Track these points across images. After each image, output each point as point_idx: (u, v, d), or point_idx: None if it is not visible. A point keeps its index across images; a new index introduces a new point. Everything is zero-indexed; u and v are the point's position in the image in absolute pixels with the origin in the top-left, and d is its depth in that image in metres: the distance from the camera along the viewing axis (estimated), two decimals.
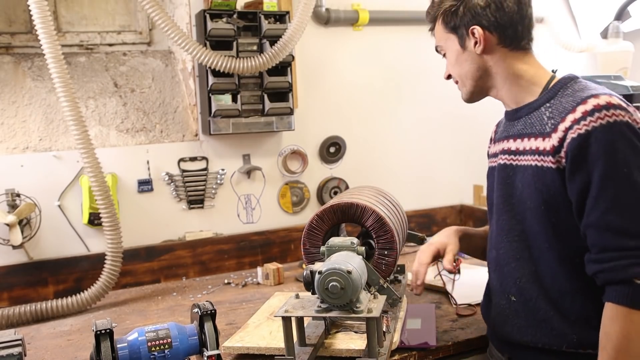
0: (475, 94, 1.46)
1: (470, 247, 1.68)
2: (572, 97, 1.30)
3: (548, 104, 1.35)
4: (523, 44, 1.43)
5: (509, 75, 1.41)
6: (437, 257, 1.58)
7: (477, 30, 1.38)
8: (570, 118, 1.25)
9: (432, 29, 1.51)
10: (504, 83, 1.42)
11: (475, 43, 1.39)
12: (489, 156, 1.58)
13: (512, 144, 1.42)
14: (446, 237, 1.60)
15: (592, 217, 1.21)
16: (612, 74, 2.17)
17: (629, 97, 1.98)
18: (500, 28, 1.39)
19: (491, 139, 1.62)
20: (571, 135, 1.23)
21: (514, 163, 1.39)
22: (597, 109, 1.21)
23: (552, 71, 1.47)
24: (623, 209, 1.18)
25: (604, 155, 1.19)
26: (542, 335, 1.34)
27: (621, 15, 2.84)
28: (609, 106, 1.21)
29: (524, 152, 1.37)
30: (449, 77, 1.51)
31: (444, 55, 1.49)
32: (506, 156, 1.43)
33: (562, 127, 1.26)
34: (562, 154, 1.25)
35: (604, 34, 2.89)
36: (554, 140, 1.27)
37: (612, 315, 1.18)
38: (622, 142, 1.19)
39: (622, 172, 1.18)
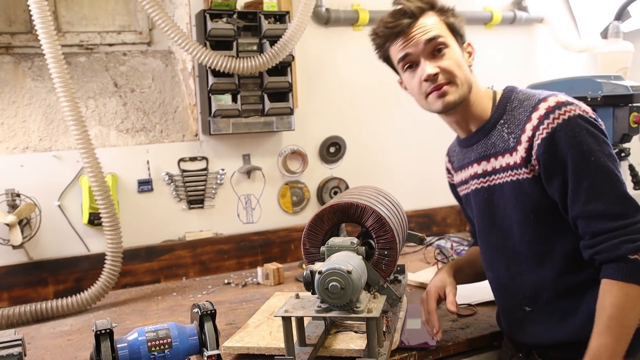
0: (463, 98, 1.40)
1: (465, 278, 1.67)
2: (522, 108, 1.36)
3: (502, 120, 1.40)
4: None
5: (478, 91, 1.45)
6: (440, 301, 1.55)
7: (471, 45, 1.45)
8: (529, 127, 1.31)
9: (418, 15, 1.38)
10: (476, 98, 1.44)
11: (469, 55, 1.44)
12: (456, 185, 1.62)
13: (478, 168, 1.45)
14: (441, 281, 1.57)
15: (576, 209, 1.27)
16: (612, 74, 2.17)
17: (629, 97, 1.99)
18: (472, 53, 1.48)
19: (448, 170, 1.67)
20: (536, 142, 1.30)
21: (488, 184, 1.43)
22: (550, 110, 1.29)
23: (490, 87, 1.51)
24: (601, 194, 1.25)
25: (570, 150, 1.26)
26: (562, 333, 1.38)
27: (621, 15, 2.85)
28: (559, 105, 1.29)
29: (495, 172, 1.41)
30: (435, 75, 1.37)
31: (439, 49, 1.37)
32: (476, 180, 1.46)
33: (524, 137, 1.32)
34: (533, 161, 1.32)
35: (604, 34, 2.89)
36: (520, 152, 1.33)
37: (607, 289, 1.25)
38: (581, 133, 1.26)
39: (590, 161, 1.25)
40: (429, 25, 1.38)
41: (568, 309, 1.36)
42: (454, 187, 1.67)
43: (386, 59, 1.50)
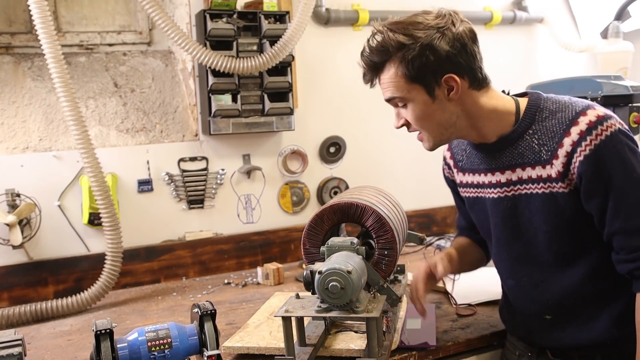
0: (443, 142, 1.40)
1: (456, 267, 1.64)
2: (555, 119, 1.31)
3: (531, 131, 1.33)
4: (488, 81, 1.36)
5: (483, 114, 1.35)
6: (430, 274, 1.53)
7: (452, 77, 1.28)
8: (567, 142, 1.27)
9: (371, 79, 1.36)
10: (477, 123, 1.36)
11: (449, 91, 1.30)
12: (457, 184, 1.57)
13: (501, 176, 1.40)
14: (433, 259, 1.56)
15: (616, 225, 1.26)
16: (612, 74, 2.17)
17: (629, 97, 1.99)
18: (471, 71, 1.31)
19: (448, 165, 1.60)
20: (578, 158, 1.26)
21: (513, 194, 1.39)
22: (592, 126, 1.25)
23: (503, 91, 1.43)
24: None
25: (614, 168, 1.24)
26: (581, 338, 1.38)
27: (621, 15, 2.85)
28: (600, 120, 1.25)
29: (522, 182, 1.36)
30: (402, 126, 1.38)
31: (403, 105, 1.35)
32: (499, 189, 1.41)
33: (561, 152, 1.28)
34: (571, 176, 1.28)
35: (604, 34, 2.89)
36: (557, 166, 1.29)
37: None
38: (623, 150, 1.24)
39: (633, 177, 1.24)
40: (386, 83, 1.33)
41: (590, 315, 1.36)
42: (452, 182, 1.63)
43: None
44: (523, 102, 1.37)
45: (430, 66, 1.27)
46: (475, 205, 1.52)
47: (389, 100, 1.36)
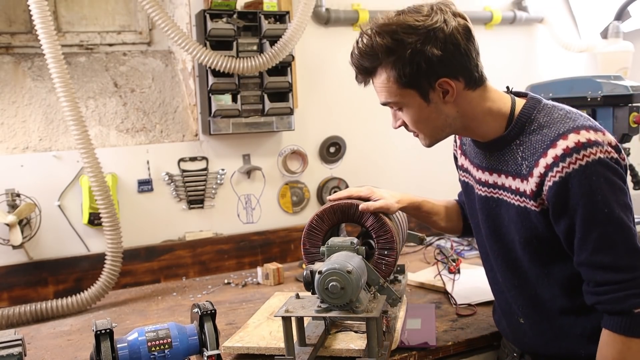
0: (440, 140, 1.39)
1: (417, 218, 1.68)
2: (540, 135, 1.26)
3: (518, 141, 1.31)
4: (484, 78, 1.32)
5: (477, 115, 1.33)
6: (367, 199, 1.53)
7: (447, 82, 1.26)
8: (542, 163, 1.23)
9: (364, 81, 1.37)
10: (471, 123, 1.35)
11: (445, 94, 1.28)
12: (460, 168, 1.57)
13: (489, 177, 1.40)
14: (388, 194, 1.55)
15: (582, 256, 1.23)
16: (612, 74, 2.17)
17: (629, 97, 1.99)
18: (465, 72, 1.27)
19: (457, 145, 1.60)
20: (547, 183, 1.23)
21: (496, 196, 1.39)
22: (567, 152, 1.20)
23: (507, 89, 1.40)
24: (610, 247, 1.20)
25: (582, 199, 1.19)
26: (553, 349, 1.38)
27: (621, 15, 2.85)
28: (578, 147, 1.19)
29: (503, 188, 1.36)
30: (400, 127, 1.40)
31: (399, 108, 1.35)
32: (485, 188, 1.42)
33: (536, 172, 1.25)
34: (543, 197, 1.25)
35: (604, 34, 2.89)
36: (531, 184, 1.27)
37: (609, 341, 1.22)
38: (598, 182, 1.18)
39: (603, 212, 1.19)
40: (379, 87, 1.33)
41: (563, 325, 1.35)
42: (455, 160, 1.62)
43: None
44: (519, 105, 1.34)
45: (422, 72, 1.25)
46: (468, 193, 1.53)
47: (384, 104, 1.37)
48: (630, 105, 2.00)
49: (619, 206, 1.20)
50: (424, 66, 1.24)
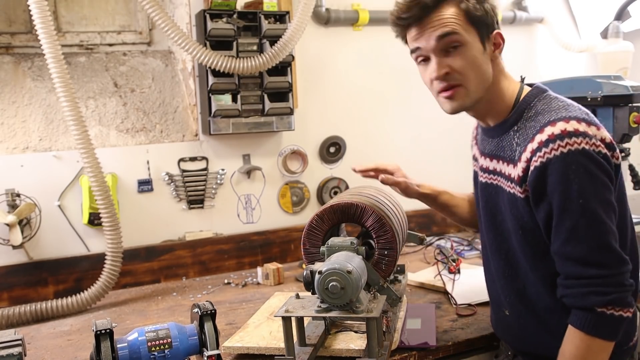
0: (473, 103, 1.33)
1: (437, 208, 1.68)
2: (534, 122, 1.27)
3: (516, 127, 1.32)
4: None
5: (497, 89, 1.34)
6: (394, 173, 1.58)
7: (500, 35, 1.30)
8: (529, 148, 1.23)
9: (422, 16, 1.27)
10: (491, 96, 1.34)
11: (495, 47, 1.30)
12: (473, 158, 1.57)
13: (489, 163, 1.41)
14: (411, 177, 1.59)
15: (555, 245, 1.23)
16: (612, 74, 2.16)
17: (629, 97, 1.98)
18: (501, 35, 1.32)
19: (474, 135, 1.60)
20: (531, 168, 1.23)
21: (495, 183, 1.39)
22: (552, 139, 1.19)
23: (521, 78, 1.40)
24: (581, 239, 1.19)
25: (559, 186, 1.19)
26: (533, 347, 1.39)
27: (621, 15, 2.85)
28: (563, 135, 1.18)
29: (500, 174, 1.36)
30: (446, 74, 1.28)
31: (454, 46, 1.27)
32: (487, 175, 1.42)
33: (524, 157, 1.25)
34: (527, 183, 1.25)
35: (604, 34, 2.89)
36: (519, 169, 1.27)
37: (571, 337, 1.23)
38: (577, 172, 1.17)
39: (578, 203, 1.18)
40: (445, 18, 1.25)
41: (544, 325, 1.35)
42: (472, 150, 1.62)
43: (406, 42, 1.39)
44: (524, 93, 1.35)
45: (488, 15, 1.28)
46: (475, 182, 1.54)
47: (443, 37, 1.26)
48: (630, 105, 2.00)
49: (596, 200, 1.18)
50: (489, 11, 1.27)
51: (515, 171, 1.28)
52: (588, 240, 1.19)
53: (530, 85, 1.39)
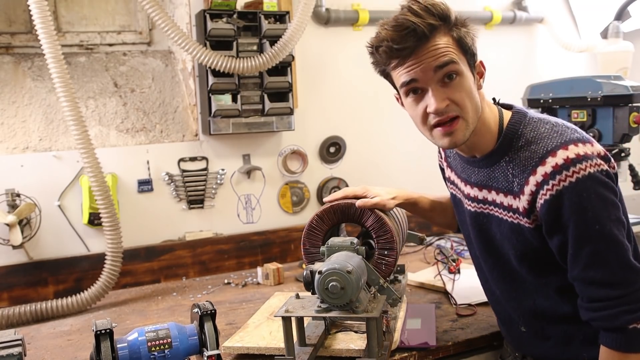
0: (467, 136, 1.27)
1: (415, 213, 1.68)
2: (528, 152, 1.24)
3: (507, 157, 1.29)
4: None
5: (484, 118, 1.30)
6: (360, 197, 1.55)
7: (483, 63, 1.29)
8: (532, 181, 1.22)
9: (417, 46, 1.20)
10: (480, 126, 1.30)
11: (480, 76, 1.29)
12: (448, 180, 1.57)
13: (478, 193, 1.38)
14: (384, 191, 1.55)
15: (575, 272, 1.23)
16: (612, 74, 2.17)
17: (629, 97, 1.99)
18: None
19: (442, 156, 1.59)
20: (539, 201, 1.22)
21: (486, 212, 1.37)
22: (557, 170, 1.18)
23: (493, 100, 1.38)
24: (602, 263, 1.19)
25: (573, 216, 1.18)
26: (556, 355, 1.38)
27: (621, 15, 2.85)
28: (567, 164, 1.17)
29: (494, 204, 1.34)
30: (445, 106, 1.23)
31: (450, 77, 1.22)
32: (475, 204, 1.40)
33: (527, 190, 1.24)
34: (536, 214, 1.24)
35: (604, 34, 2.89)
36: (523, 202, 1.25)
37: (607, 358, 1.22)
38: (589, 198, 1.17)
39: (594, 229, 1.18)
40: (442, 47, 1.20)
41: (564, 335, 1.35)
42: (442, 170, 1.62)
43: (385, 75, 1.33)
44: (506, 119, 1.31)
45: (473, 44, 1.26)
46: (457, 206, 1.53)
47: (442, 67, 1.21)
48: (630, 105, 2.00)
49: (610, 222, 1.18)
50: (472, 40, 1.25)
51: (519, 203, 1.27)
52: (610, 263, 1.19)
53: (506, 106, 1.36)
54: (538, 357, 1.43)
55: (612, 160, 1.24)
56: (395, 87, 1.34)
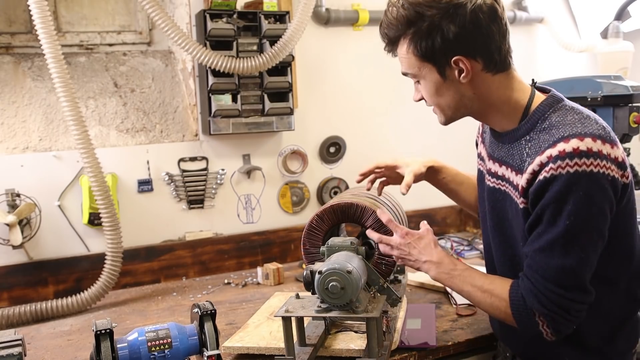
0: (455, 119, 1.37)
1: (440, 184, 1.71)
2: (547, 135, 1.23)
3: (528, 137, 1.28)
4: (506, 64, 1.29)
5: (495, 102, 1.31)
6: (394, 168, 1.63)
7: (462, 60, 1.24)
8: (537, 161, 1.21)
9: (391, 50, 1.36)
10: (488, 109, 1.33)
11: (460, 73, 1.26)
12: (478, 157, 1.56)
13: (498, 168, 1.39)
14: (412, 160, 1.63)
15: (528, 247, 1.25)
16: (612, 74, 2.17)
17: (629, 97, 1.99)
18: (485, 53, 1.25)
19: (479, 132, 1.59)
20: (535, 180, 1.21)
21: (503, 189, 1.37)
22: (561, 156, 1.16)
23: (532, 82, 1.38)
24: (553, 254, 1.19)
25: (553, 203, 1.18)
26: (538, 352, 1.38)
27: (621, 15, 2.85)
28: (573, 154, 1.15)
29: (508, 182, 1.34)
30: (420, 100, 1.39)
31: (417, 81, 1.35)
32: (494, 179, 1.41)
33: (530, 168, 1.22)
34: (528, 195, 1.24)
35: (604, 34, 2.89)
36: (523, 180, 1.25)
37: (504, 287, 1.29)
38: (576, 194, 1.15)
39: (564, 222, 1.17)
40: (402, 57, 1.33)
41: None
42: (477, 147, 1.62)
43: None
44: (537, 100, 1.31)
45: (437, 47, 1.24)
46: (480, 182, 1.52)
47: (405, 74, 1.36)
48: (630, 105, 2.00)
49: (585, 227, 1.17)
50: (439, 42, 1.23)
51: (520, 181, 1.26)
52: (559, 259, 1.19)
53: (543, 90, 1.36)
54: (521, 351, 1.43)
55: (629, 170, 1.22)
56: None
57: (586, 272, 1.20)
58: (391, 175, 1.66)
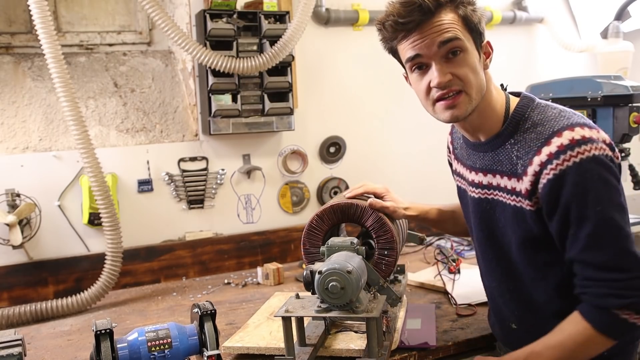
0: (469, 112, 1.29)
1: (428, 224, 1.70)
2: (534, 133, 1.25)
3: (513, 140, 1.30)
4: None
5: (489, 101, 1.32)
6: (381, 196, 1.59)
7: (490, 44, 1.30)
8: (536, 161, 1.22)
9: (422, 22, 1.23)
10: (485, 106, 1.32)
11: (486, 56, 1.30)
12: (454, 173, 1.57)
13: (483, 178, 1.38)
14: (399, 200, 1.61)
15: (572, 252, 1.23)
16: (612, 74, 2.17)
17: (629, 97, 1.99)
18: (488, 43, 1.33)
19: (449, 149, 1.60)
20: (542, 181, 1.22)
21: (490, 197, 1.37)
22: (562, 149, 1.18)
23: (501, 86, 1.39)
24: (600, 245, 1.19)
25: (575, 197, 1.18)
26: None
27: (621, 15, 2.85)
28: (572, 144, 1.18)
29: (499, 189, 1.34)
30: (449, 81, 1.25)
31: (454, 52, 1.25)
32: (479, 190, 1.40)
33: (530, 170, 1.23)
34: (537, 196, 1.25)
35: (604, 34, 2.89)
36: (526, 183, 1.25)
37: (577, 321, 1.23)
38: (592, 180, 1.17)
39: (595, 210, 1.18)
40: (446, 23, 1.23)
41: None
42: (450, 165, 1.63)
43: (393, 52, 1.36)
44: (513, 103, 1.33)
45: (481, 24, 1.27)
46: (462, 197, 1.53)
47: (446, 42, 1.23)
48: (630, 105, 2.00)
49: (611, 205, 1.19)
50: (481, 19, 1.27)
51: (522, 185, 1.26)
52: (608, 247, 1.19)
53: (514, 94, 1.37)
54: None
55: (617, 150, 1.24)
56: (402, 65, 1.37)
57: (634, 245, 1.20)
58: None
